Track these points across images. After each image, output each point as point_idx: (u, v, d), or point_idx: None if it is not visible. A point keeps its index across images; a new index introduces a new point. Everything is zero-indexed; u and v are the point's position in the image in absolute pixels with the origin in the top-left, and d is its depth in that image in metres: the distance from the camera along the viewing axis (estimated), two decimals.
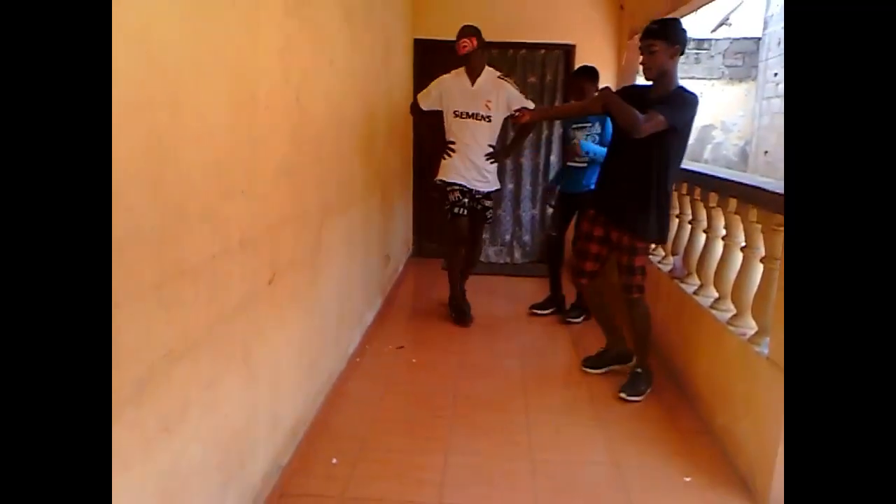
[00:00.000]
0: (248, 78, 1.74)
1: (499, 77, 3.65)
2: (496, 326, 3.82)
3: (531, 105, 3.58)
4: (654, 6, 4.23)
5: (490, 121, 3.63)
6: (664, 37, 2.58)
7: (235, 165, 1.67)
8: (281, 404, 2.16)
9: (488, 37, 5.24)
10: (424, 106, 3.71)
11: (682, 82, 2.76)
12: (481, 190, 3.73)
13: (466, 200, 3.66)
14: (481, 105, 3.59)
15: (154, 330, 1.28)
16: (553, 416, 2.71)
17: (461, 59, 3.58)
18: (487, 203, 3.80)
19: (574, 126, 3.89)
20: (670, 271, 3.45)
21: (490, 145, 3.71)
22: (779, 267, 2.22)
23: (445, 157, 3.69)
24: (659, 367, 3.24)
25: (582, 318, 3.93)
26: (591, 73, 3.84)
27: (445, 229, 3.80)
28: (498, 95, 3.60)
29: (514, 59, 5.24)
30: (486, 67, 3.64)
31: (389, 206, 4.27)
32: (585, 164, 3.78)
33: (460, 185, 3.67)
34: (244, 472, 1.83)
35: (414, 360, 3.26)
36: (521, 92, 3.70)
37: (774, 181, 2.51)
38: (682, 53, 2.67)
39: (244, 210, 1.75)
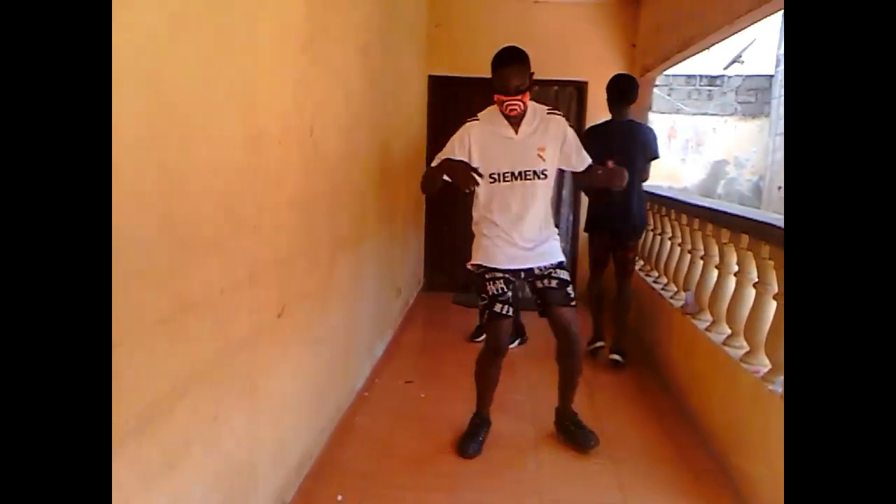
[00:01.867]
0: (260, 113, 1.77)
1: (549, 112, 2.59)
2: (506, 360, 3.78)
3: (588, 159, 2.62)
4: (665, 45, 4.28)
5: (545, 177, 2.53)
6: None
7: (246, 200, 1.69)
8: (286, 439, 2.14)
9: None
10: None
11: (692, 118, 2.79)
12: (543, 265, 2.61)
13: (510, 292, 2.60)
14: (532, 157, 2.50)
15: (158, 364, 1.28)
16: (563, 453, 2.66)
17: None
18: (563, 275, 2.62)
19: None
20: (682, 307, 3.42)
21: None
22: None
23: (482, 237, 2.62)
24: (672, 406, 3.18)
25: (517, 342, 3.92)
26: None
27: (484, 330, 2.79)
28: (554, 139, 2.54)
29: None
30: (531, 105, 2.55)
31: (401, 240, 4.29)
32: None
33: (505, 271, 2.59)
34: None
35: (423, 395, 3.23)
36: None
37: None
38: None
39: (254, 244, 1.76)
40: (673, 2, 4.17)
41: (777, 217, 2.58)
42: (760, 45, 10.51)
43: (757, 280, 2.55)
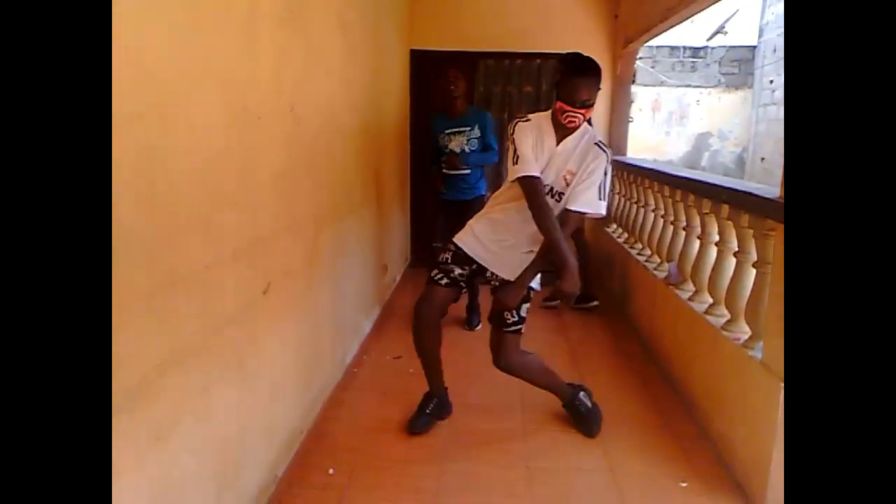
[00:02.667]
0: (240, 89, 1.76)
1: (597, 143, 2.39)
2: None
3: (603, 210, 2.40)
4: (647, 16, 4.27)
5: (560, 200, 2.39)
6: None
7: (228, 176, 1.69)
8: (276, 414, 2.17)
9: (484, 47, 5.35)
10: (535, 168, 2.33)
11: (676, 90, 2.78)
12: (497, 273, 2.54)
13: (458, 270, 2.53)
14: (560, 175, 2.37)
15: (146, 339, 1.29)
16: (549, 423, 2.71)
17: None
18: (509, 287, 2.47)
19: (448, 131, 3.69)
20: (666, 278, 3.46)
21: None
22: (770, 271, 2.23)
23: (479, 219, 2.59)
24: (656, 374, 3.25)
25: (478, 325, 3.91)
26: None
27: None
28: (586, 170, 2.34)
29: (510, 69, 5.27)
30: (584, 126, 2.40)
31: (387, 216, 4.29)
32: (468, 172, 3.70)
33: (467, 254, 2.52)
34: (239, 482, 1.84)
35: (411, 370, 3.25)
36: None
37: (765, 186, 2.52)
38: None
39: (237, 220, 1.76)
40: None
41: (756, 186, 2.61)
42: (743, 16, 10.51)
43: (737, 249, 2.60)
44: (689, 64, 10.55)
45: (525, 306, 2.54)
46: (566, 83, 2.27)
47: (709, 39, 10.89)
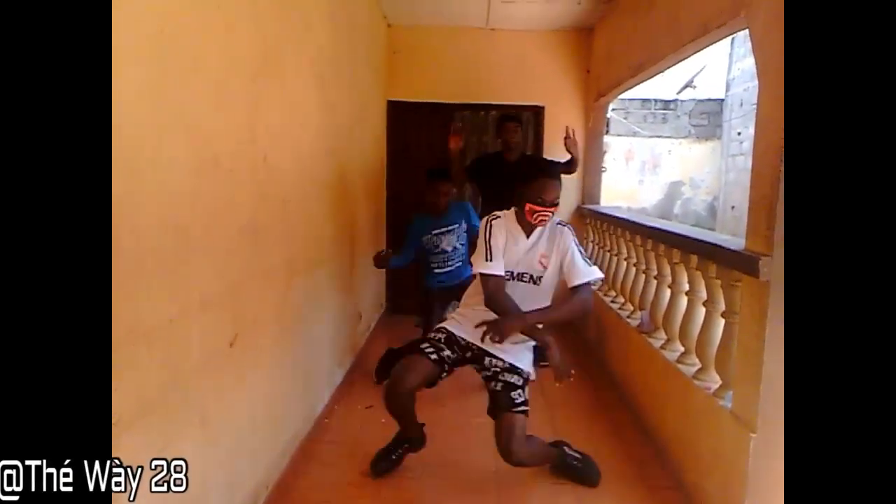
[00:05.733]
0: (211, 140, 1.77)
1: (558, 223, 2.53)
2: (467, 384, 3.79)
3: (597, 274, 2.50)
4: (618, 72, 4.42)
5: (539, 283, 2.50)
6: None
7: (196, 226, 1.68)
8: (240, 469, 2.11)
9: (460, 99, 5.47)
10: (501, 268, 2.44)
11: (648, 141, 2.88)
12: (502, 358, 2.51)
13: (447, 353, 2.50)
14: (534, 262, 2.48)
15: None
16: (522, 473, 2.67)
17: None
18: (511, 379, 2.47)
19: (436, 232, 3.68)
20: (638, 325, 3.49)
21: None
22: (738, 321, 2.26)
23: (464, 310, 2.63)
24: (630, 421, 3.23)
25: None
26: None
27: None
28: (558, 249, 2.48)
29: (486, 119, 5.39)
30: None
31: (362, 264, 4.28)
32: (460, 263, 3.74)
33: (460, 337, 2.56)
34: None
35: (383, 420, 3.18)
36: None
37: (732, 238, 2.58)
38: None
39: (205, 271, 1.75)
40: (624, 31, 4.31)
41: (723, 238, 2.67)
42: (711, 71, 10.93)
43: (706, 299, 2.63)
44: (661, 115, 10.87)
45: (527, 388, 2.50)
46: (536, 185, 2.38)
47: (678, 93, 11.27)
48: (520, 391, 2.46)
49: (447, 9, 4.85)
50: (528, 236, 2.50)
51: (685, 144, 10.85)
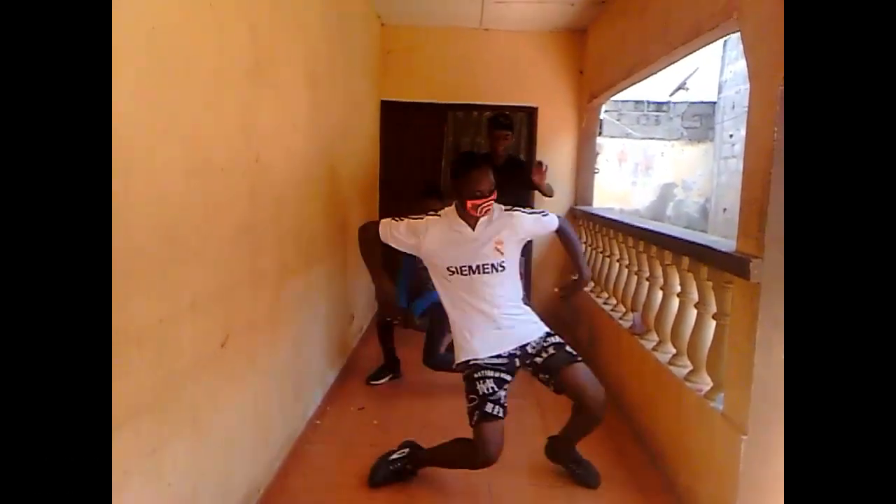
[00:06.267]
0: (203, 142, 1.76)
1: (506, 210, 2.56)
2: (459, 386, 3.79)
3: (554, 223, 2.64)
4: (611, 73, 4.43)
5: (504, 269, 2.49)
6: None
7: (188, 228, 1.68)
8: (233, 470, 2.10)
9: (453, 99, 5.48)
10: (389, 241, 2.58)
11: (641, 143, 2.91)
12: (534, 340, 2.51)
13: (502, 391, 2.40)
14: (490, 251, 2.47)
15: None
16: (516, 476, 2.67)
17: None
18: (554, 340, 2.52)
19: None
20: (630, 327, 3.50)
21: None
22: (729, 323, 2.27)
23: (462, 332, 2.54)
24: (623, 424, 3.24)
25: (388, 377, 3.82)
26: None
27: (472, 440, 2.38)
28: (511, 231, 2.50)
29: (479, 120, 5.40)
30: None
31: (355, 265, 4.27)
32: None
33: (496, 365, 2.44)
34: None
35: (375, 422, 3.21)
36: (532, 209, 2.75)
37: (723, 240, 2.59)
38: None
39: (197, 273, 1.74)
40: (617, 33, 4.33)
41: (714, 239, 2.69)
42: (703, 74, 10.98)
43: (698, 300, 2.64)
44: (654, 117, 10.91)
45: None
46: (465, 181, 2.41)
47: (671, 95, 11.31)
48: (567, 346, 2.52)
49: (441, 9, 4.85)
50: (473, 228, 2.49)
51: (678, 146, 10.89)
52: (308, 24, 2.93)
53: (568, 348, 2.50)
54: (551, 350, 2.48)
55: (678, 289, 2.92)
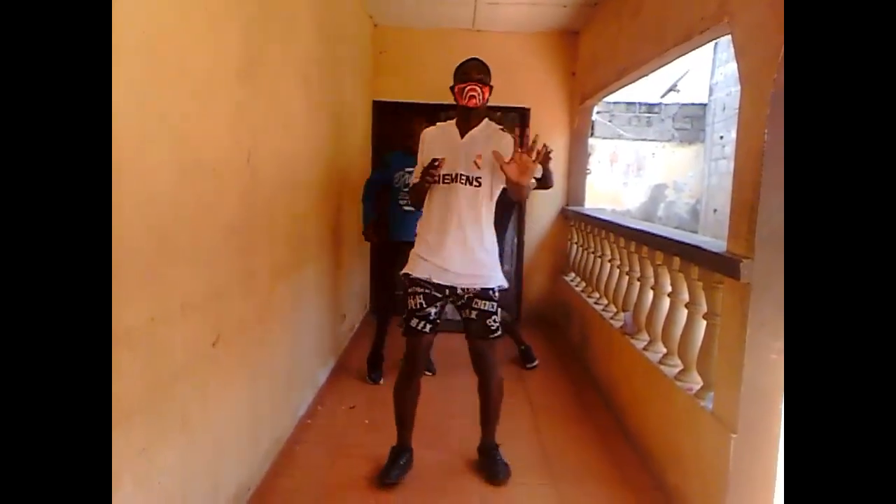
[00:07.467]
0: (194, 143, 1.76)
1: (502, 129, 2.58)
2: (451, 385, 3.80)
3: (538, 170, 2.58)
4: (602, 75, 4.45)
5: (479, 185, 2.47)
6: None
7: (179, 229, 1.67)
8: (222, 471, 2.10)
9: (445, 99, 5.43)
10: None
11: (633, 144, 2.90)
12: (472, 286, 2.50)
13: (433, 310, 2.50)
14: (468, 163, 2.47)
15: None
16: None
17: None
18: (485, 306, 2.50)
19: (409, 169, 3.34)
20: (621, 327, 3.51)
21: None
22: (719, 323, 2.29)
23: (417, 246, 2.58)
24: (613, 423, 3.25)
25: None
26: None
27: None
28: (495, 146, 2.44)
29: None
30: (486, 120, 2.62)
31: (346, 265, 4.27)
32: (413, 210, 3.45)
33: (427, 283, 2.49)
34: None
35: (366, 421, 3.21)
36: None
37: (714, 240, 2.61)
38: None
39: (188, 272, 1.74)
40: (609, 34, 4.34)
41: (705, 240, 2.70)
42: (694, 76, 11.03)
43: (688, 300, 2.66)
44: (645, 119, 10.95)
45: (500, 311, 2.57)
46: (458, 73, 2.54)
47: (662, 96, 11.36)
48: (494, 317, 2.52)
49: (433, 10, 4.85)
50: (462, 137, 2.54)
51: (669, 148, 10.93)
52: (300, 24, 2.93)
53: (488, 321, 2.50)
54: (473, 315, 2.52)
55: (669, 289, 2.94)
